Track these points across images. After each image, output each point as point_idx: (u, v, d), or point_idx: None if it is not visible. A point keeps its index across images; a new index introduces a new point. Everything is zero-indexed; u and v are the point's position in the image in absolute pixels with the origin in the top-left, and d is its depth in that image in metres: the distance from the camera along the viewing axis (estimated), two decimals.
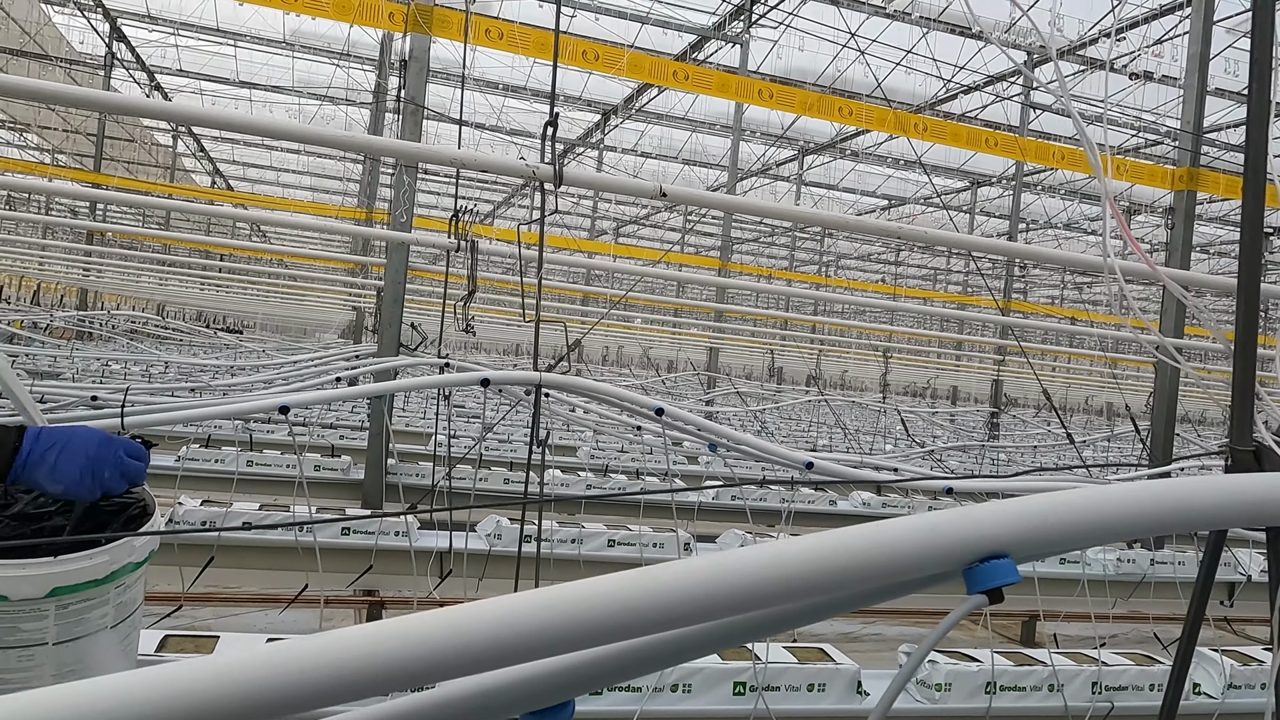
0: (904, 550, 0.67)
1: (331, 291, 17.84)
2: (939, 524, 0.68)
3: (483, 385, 3.01)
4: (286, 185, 24.41)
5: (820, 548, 0.66)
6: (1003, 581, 0.68)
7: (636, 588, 0.63)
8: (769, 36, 14.11)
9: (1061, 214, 19.83)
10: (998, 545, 0.68)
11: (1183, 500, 0.73)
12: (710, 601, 0.62)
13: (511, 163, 3.04)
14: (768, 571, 0.64)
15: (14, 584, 1.11)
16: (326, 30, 14.75)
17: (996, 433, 13.68)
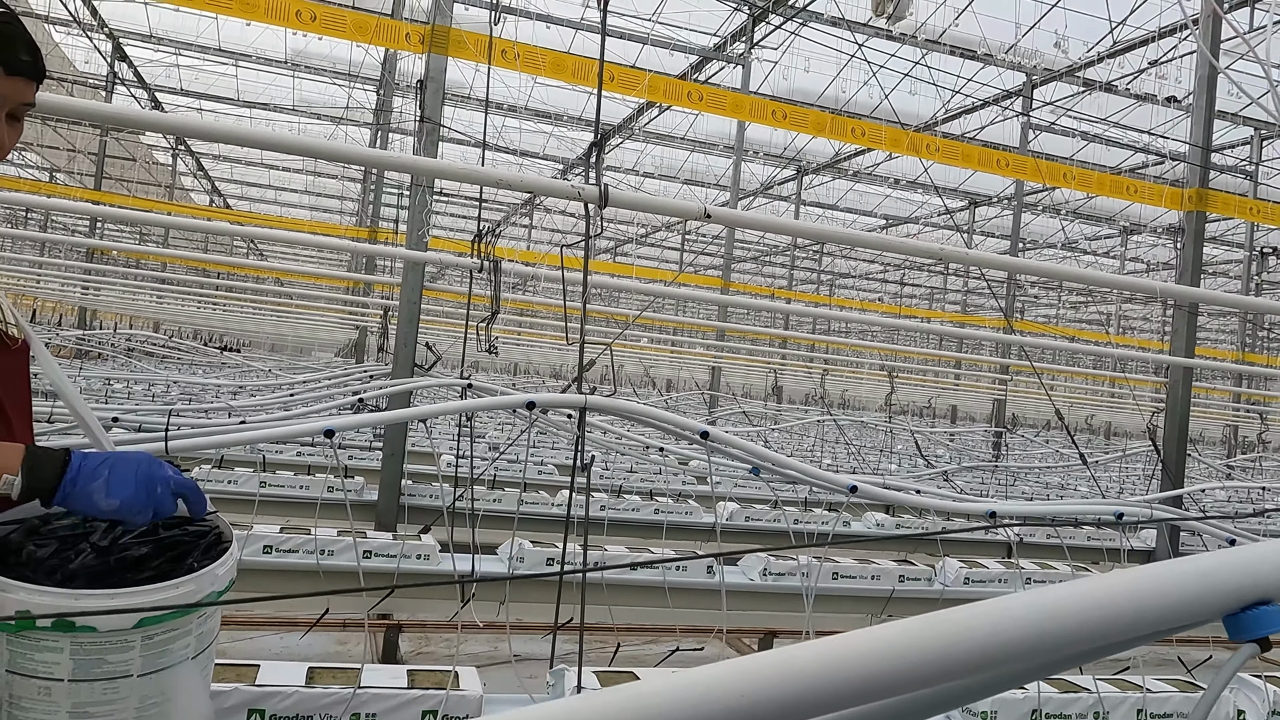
0: (1178, 598, 0.64)
1: (330, 310, 17.78)
2: (1207, 570, 0.65)
3: (528, 409, 2.97)
4: (285, 204, 24.39)
5: (1085, 598, 0.63)
6: (1272, 630, 0.65)
7: (925, 635, 0.60)
8: (770, 58, 14.19)
9: (1058, 233, 19.94)
10: (1266, 591, 0.65)
11: None
12: (1000, 651, 0.59)
13: (558, 184, 3.02)
14: (1049, 623, 0.61)
15: (104, 616, 1.10)
16: (329, 50, 14.77)
17: (1001, 452, 13.67)
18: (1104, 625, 0.63)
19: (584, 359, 3.09)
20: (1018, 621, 0.61)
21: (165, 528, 1.26)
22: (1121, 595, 0.64)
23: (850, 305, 20.32)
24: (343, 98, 15.54)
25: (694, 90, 7.14)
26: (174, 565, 1.19)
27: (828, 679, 0.57)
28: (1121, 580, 0.64)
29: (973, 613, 0.62)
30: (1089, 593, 0.63)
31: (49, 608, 1.08)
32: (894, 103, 13.50)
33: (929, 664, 0.60)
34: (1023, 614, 0.62)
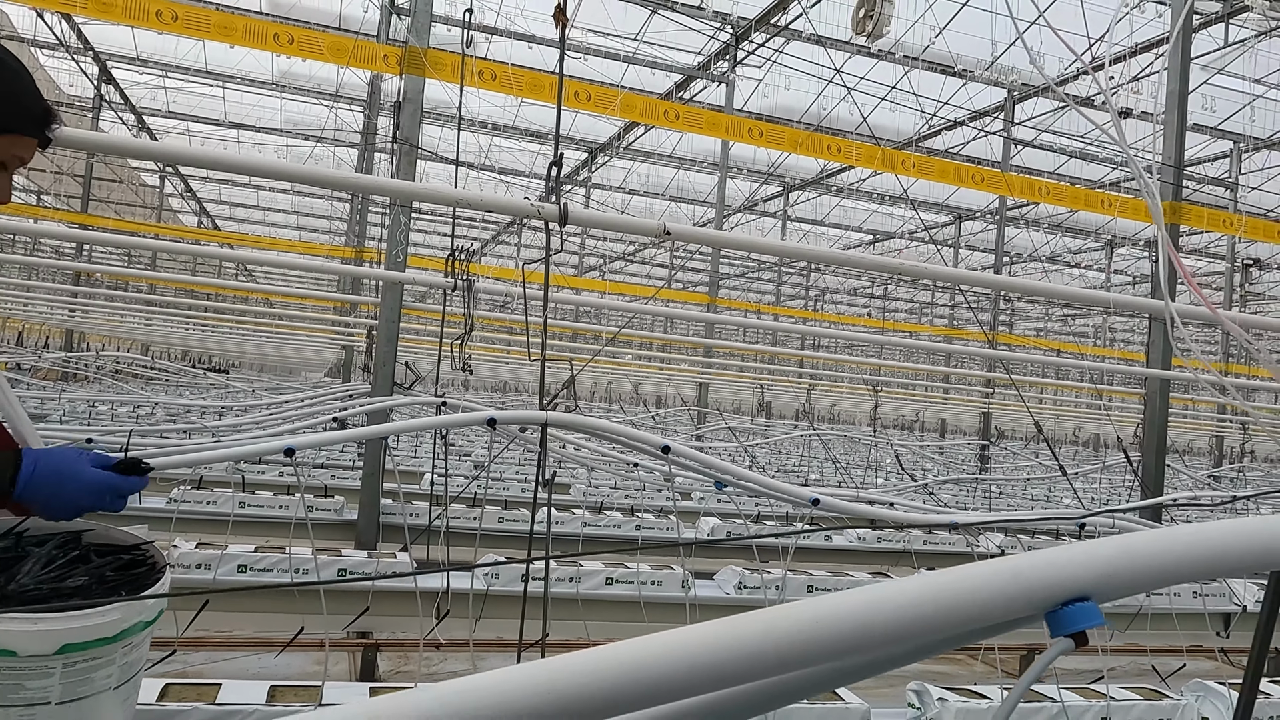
0: (989, 596, 0.67)
1: (319, 331, 17.78)
2: (1022, 569, 0.68)
3: (489, 425, 2.99)
4: (274, 225, 24.44)
5: (910, 594, 0.65)
6: (1087, 624, 0.67)
7: (725, 637, 0.62)
8: (753, 76, 14.31)
9: (1045, 246, 20.09)
10: (1080, 588, 0.68)
11: (1255, 540, 0.73)
12: (809, 648, 0.62)
13: (516, 202, 3.06)
14: (865, 617, 0.64)
15: (24, 639, 1.08)
16: (315, 72, 14.86)
17: (988, 465, 13.70)
18: (920, 622, 0.66)
19: (545, 376, 3.11)
20: (836, 619, 0.64)
21: (99, 554, 1.28)
22: (937, 594, 0.67)
23: (837, 320, 20.39)
24: (329, 118, 15.63)
25: (670, 109, 7.21)
26: (105, 594, 1.20)
27: (632, 677, 0.59)
28: (938, 580, 0.67)
29: (790, 610, 0.64)
30: (903, 592, 0.66)
31: None
32: (877, 119, 13.66)
33: (739, 661, 0.62)
34: (842, 612, 0.64)
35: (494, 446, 8.06)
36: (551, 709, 0.57)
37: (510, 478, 9.40)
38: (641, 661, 0.61)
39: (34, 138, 1.37)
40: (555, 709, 0.57)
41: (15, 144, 1.35)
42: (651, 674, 0.62)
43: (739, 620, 0.64)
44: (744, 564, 5.86)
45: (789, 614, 0.64)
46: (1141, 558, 0.70)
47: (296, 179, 3.95)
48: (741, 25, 12.98)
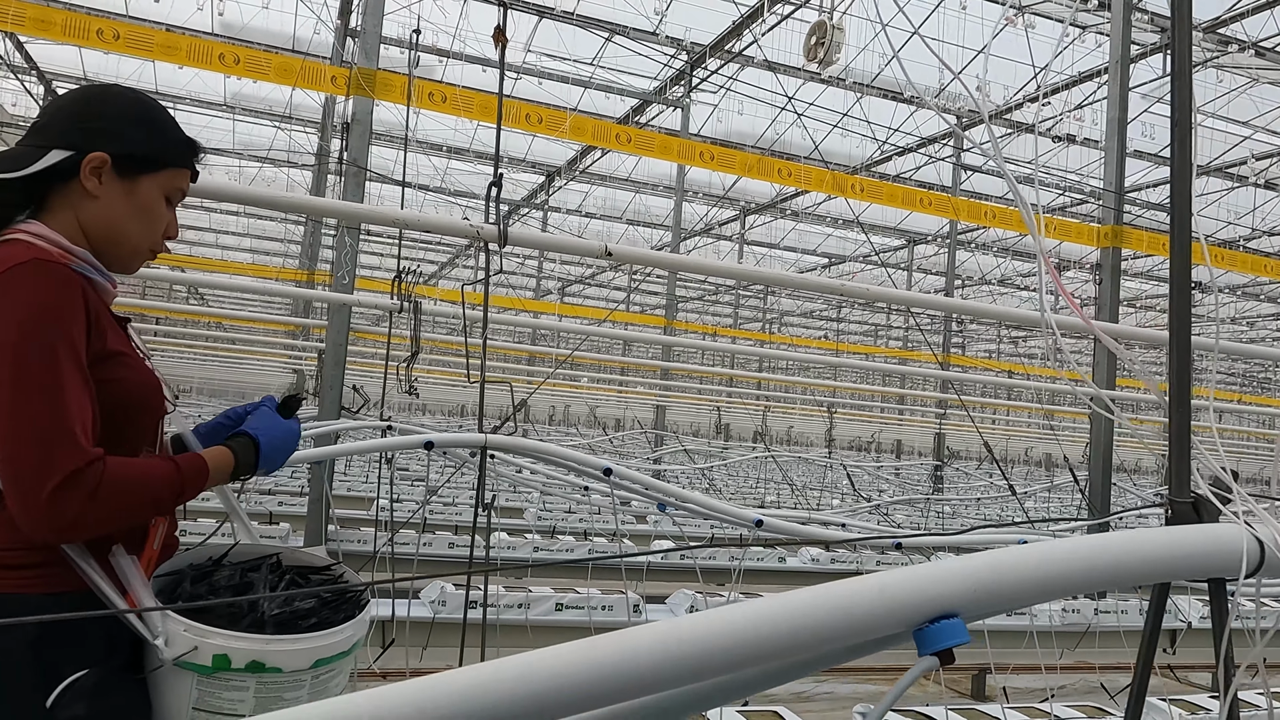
0: (853, 614, 0.66)
1: (271, 354, 17.51)
2: (888, 585, 0.67)
3: (426, 448, 2.95)
4: (225, 247, 24.08)
5: (781, 610, 0.64)
6: (953, 642, 0.67)
7: (581, 659, 0.60)
8: (709, 101, 14.46)
9: (995, 270, 20.44)
10: (947, 605, 0.67)
11: (1125, 555, 0.73)
12: (657, 673, 0.60)
13: (455, 223, 3.04)
14: (718, 640, 0.63)
15: (288, 658, 1.26)
16: (268, 93, 14.72)
17: (941, 485, 13.84)
18: (787, 640, 0.65)
19: (484, 398, 3.08)
20: (692, 640, 0.62)
21: (300, 576, 1.48)
22: (804, 612, 0.65)
23: (794, 343, 20.55)
24: (281, 140, 15.48)
25: (622, 132, 7.24)
26: (333, 614, 1.37)
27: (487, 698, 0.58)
28: (807, 597, 0.66)
29: (646, 632, 0.63)
30: (770, 610, 0.65)
31: (245, 651, 1.23)
32: (830, 145, 13.86)
33: (598, 683, 0.61)
34: (698, 632, 0.63)
35: (445, 471, 7.97)
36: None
37: (463, 502, 9.29)
38: (490, 688, 0.59)
39: (188, 169, 1.50)
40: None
41: (176, 177, 1.47)
42: (507, 697, 0.60)
43: (599, 641, 0.62)
44: (696, 588, 5.83)
45: (649, 635, 0.62)
46: (1010, 574, 0.69)
47: (239, 199, 3.89)
48: (696, 51, 13.11)
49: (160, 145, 1.45)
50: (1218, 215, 16.77)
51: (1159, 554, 0.74)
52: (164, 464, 1.33)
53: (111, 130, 1.39)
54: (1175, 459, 0.81)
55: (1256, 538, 0.76)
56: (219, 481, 1.41)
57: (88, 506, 1.21)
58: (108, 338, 1.37)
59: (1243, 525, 0.76)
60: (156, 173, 1.43)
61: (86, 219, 1.40)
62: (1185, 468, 0.81)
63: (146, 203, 1.43)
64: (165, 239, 1.49)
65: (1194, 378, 0.91)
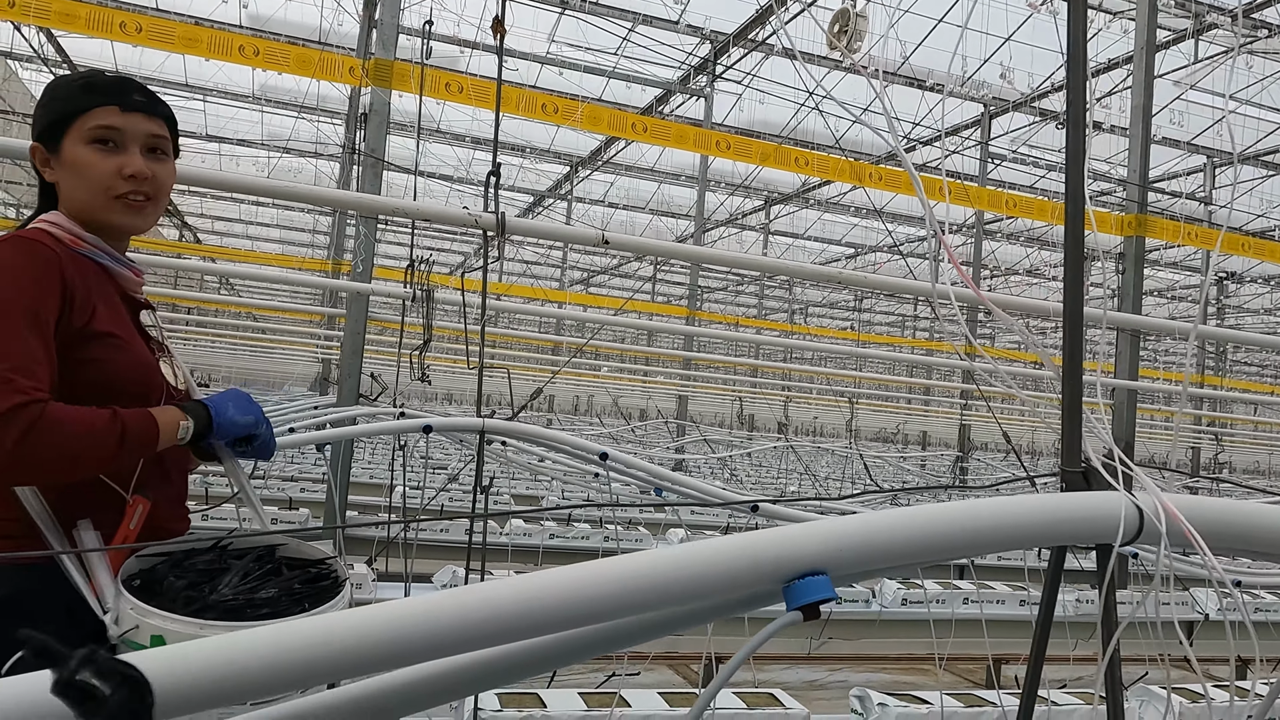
0: (720, 568, 0.69)
1: (300, 344, 17.74)
2: (755, 542, 0.70)
3: (424, 432, 3.01)
4: (255, 238, 24.40)
5: (635, 567, 0.68)
6: (817, 598, 0.70)
7: (476, 599, 0.64)
8: (732, 90, 14.42)
9: (1023, 261, 20.23)
10: (814, 562, 0.70)
11: (1005, 518, 0.76)
12: (548, 615, 0.64)
13: (454, 212, 3.09)
14: (585, 590, 0.66)
15: None
16: (295, 85, 14.89)
17: (964, 477, 13.75)
18: (655, 592, 0.68)
19: (483, 384, 3.13)
20: (562, 589, 0.66)
21: (289, 568, 1.42)
22: (674, 565, 0.69)
23: (817, 333, 20.46)
24: (310, 131, 15.65)
25: (639, 122, 7.26)
26: (291, 605, 1.31)
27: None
28: (675, 551, 0.70)
29: (550, 576, 0.66)
30: (639, 563, 0.68)
31: (179, 635, 1.19)
32: (854, 134, 13.77)
33: (471, 627, 0.65)
34: (565, 583, 0.67)
35: (465, 458, 8.05)
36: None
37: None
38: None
39: (95, 106, 1.48)
40: None
41: (87, 120, 1.47)
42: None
43: (467, 591, 0.66)
44: None
45: (516, 586, 0.66)
46: (881, 534, 0.72)
47: (257, 192, 3.97)
48: (719, 40, 13.08)
49: (58, 105, 1.47)
50: (1249, 205, 16.45)
51: (1039, 518, 0.77)
52: (105, 414, 1.33)
53: (35, 118, 1.49)
54: (1068, 429, 0.84)
55: (1137, 506, 0.78)
56: (169, 438, 1.40)
57: (22, 446, 1.22)
58: (96, 317, 1.41)
59: (1123, 493, 0.79)
60: (67, 131, 1.46)
61: (63, 203, 1.49)
62: (1076, 438, 0.84)
63: (72, 160, 1.46)
64: (129, 178, 1.47)
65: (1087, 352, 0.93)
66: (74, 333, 1.38)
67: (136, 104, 1.50)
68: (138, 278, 1.57)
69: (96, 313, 1.41)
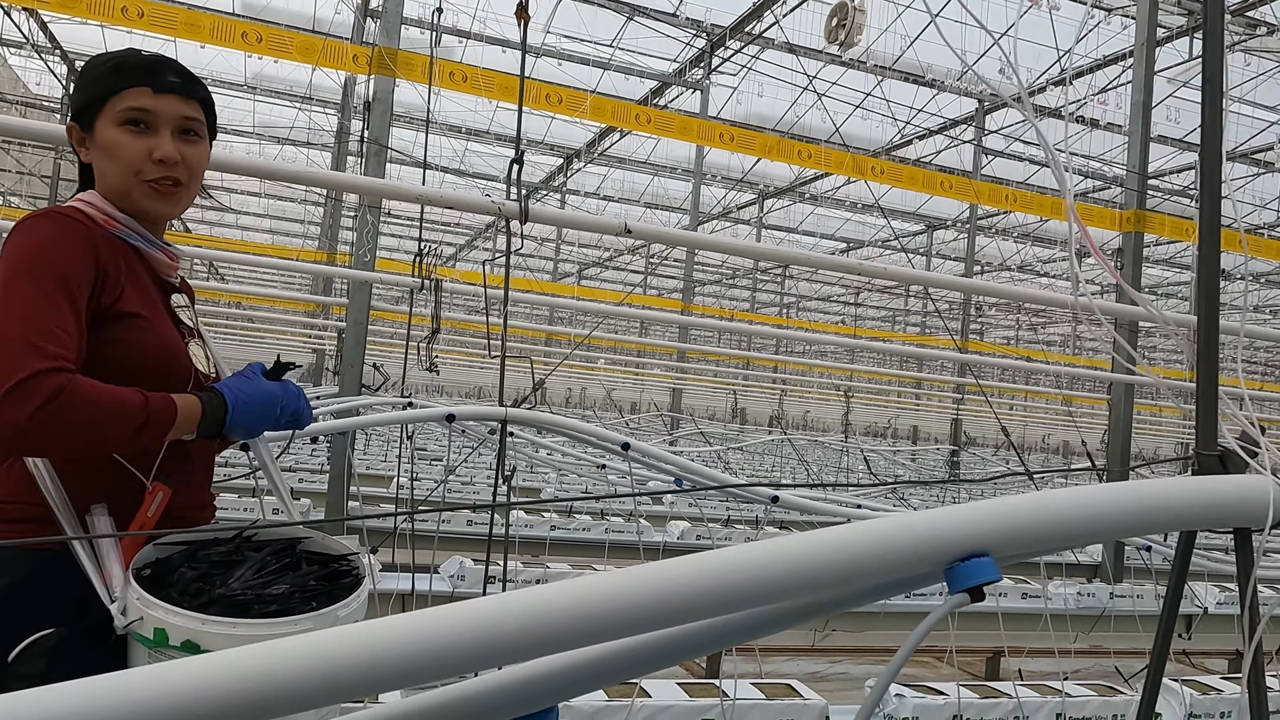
0: (886, 548, 0.67)
1: (291, 333, 17.63)
2: (919, 522, 0.68)
3: (448, 420, 2.98)
4: (246, 228, 24.23)
5: (808, 546, 0.66)
6: (984, 580, 0.68)
7: (629, 585, 0.62)
8: (728, 84, 14.39)
9: (1015, 256, 20.31)
10: (978, 543, 0.69)
11: (1154, 500, 0.74)
12: (703, 599, 0.62)
13: (478, 199, 3.05)
14: (761, 569, 0.64)
15: (223, 642, 1.14)
16: (289, 73, 14.77)
17: (957, 471, 13.81)
18: (826, 570, 0.66)
19: (504, 376, 3.11)
20: (728, 571, 0.64)
21: (309, 562, 1.36)
22: (842, 543, 0.67)
23: (810, 327, 20.50)
24: (304, 120, 15.54)
25: (642, 113, 7.23)
26: (301, 603, 1.24)
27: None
28: (843, 531, 0.68)
29: (691, 562, 0.65)
30: (811, 542, 0.67)
31: (181, 629, 1.15)
32: (850, 128, 13.77)
33: (647, 608, 0.63)
34: (736, 564, 0.65)
35: (463, 449, 8.03)
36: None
37: (480, 481, 9.36)
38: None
39: (127, 88, 1.45)
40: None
41: (118, 102, 1.44)
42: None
43: (644, 570, 0.64)
44: None
45: (690, 565, 0.65)
46: (1042, 514, 0.71)
47: (264, 175, 3.93)
48: (716, 33, 13.05)
49: (89, 88, 1.45)
50: (1244, 200, 16.56)
51: (1187, 500, 0.75)
52: (134, 394, 1.29)
53: (72, 98, 1.49)
54: (1202, 412, 0.82)
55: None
56: (184, 430, 1.35)
57: (43, 414, 1.19)
58: (124, 297, 1.38)
59: (1269, 476, 0.77)
60: (101, 112, 1.44)
61: (98, 184, 1.48)
62: (1213, 420, 0.82)
63: (105, 142, 1.43)
64: (158, 162, 1.44)
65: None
66: (102, 311, 1.35)
67: (170, 85, 1.46)
68: (172, 261, 1.54)
69: (125, 293, 1.39)
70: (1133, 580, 7.25)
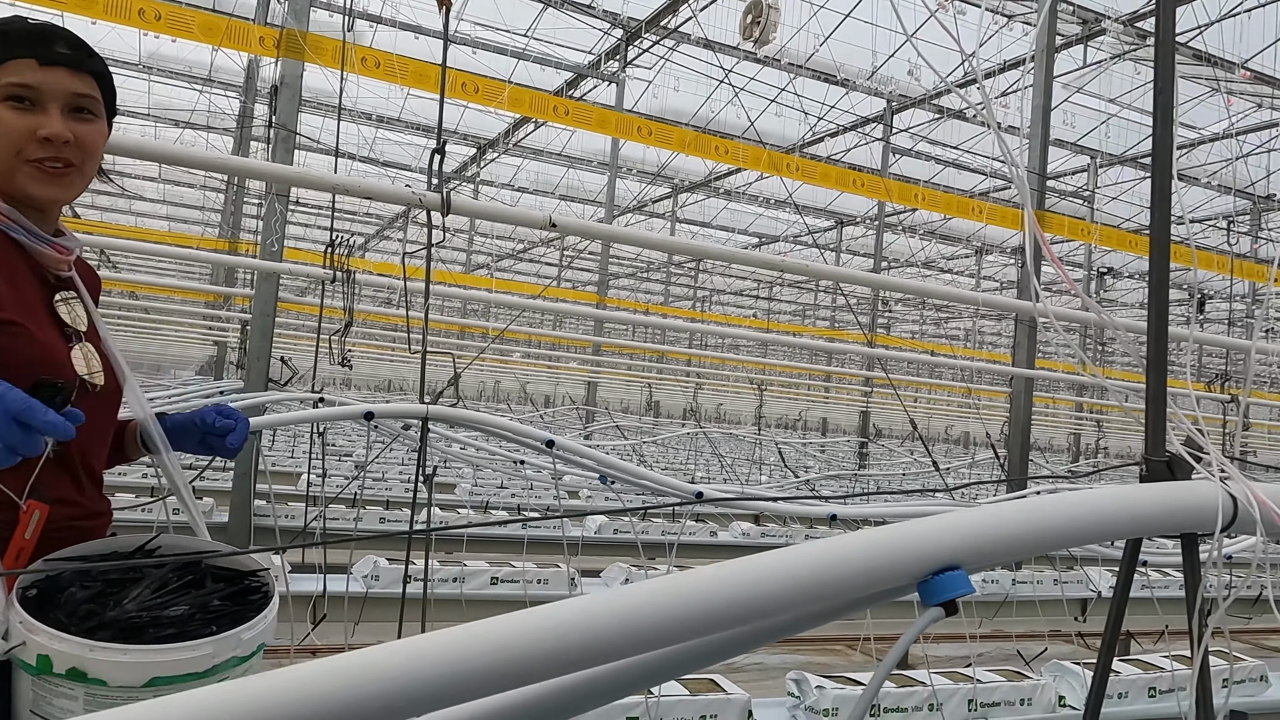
0: (865, 564, 0.66)
1: (190, 325, 16.93)
2: (895, 537, 0.67)
3: (366, 419, 2.89)
4: (140, 214, 23.16)
5: (784, 565, 0.64)
6: (958, 593, 0.68)
7: (594, 614, 0.60)
8: (644, 77, 14.39)
9: (920, 253, 20.94)
10: (951, 557, 0.68)
11: (1110, 508, 0.75)
12: (680, 624, 0.59)
13: (397, 190, 2.96)
14: (736, 592, 0.62)
15: (115, 670, 1.07)
16: (188, 54, 14.15)
17: (866, 462, 14.17)
18: (803, 590, 0.64)
19: (426, 370, 3.03)
20: (705, 593, 0.62)
21: (215, 580, 1.25)
22: (819, 562, 0.66)
23: (725, 321, 20.74)
24: (203, 103, 14.91)
25: (560, 104, 7.16)
26: (202, 626, 1.16)
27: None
28: (818, 548, 0.66)
29: (655, 585, 0.62)
30: (788, 561, 0.65)
31: (65, 655, 1.07)
32: (764, 125, 13.93)
33: (618, 637, 0.60)
34: (718, 582, 0.63)
35: (375, 445, 7.84)
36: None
37: (393, 477, 9.16)
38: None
39: (6, 60, 1.31)
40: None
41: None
42: (520, 651, 0.59)
43: (616, 594, 0.61)
44: (630, 561, 5.86)
45: (664, 588, 0.62)
46: (1007, 527, 0.71)
47: (164, 159, 3.73)
48: (632, 25, 13.03)
49: None
50: (1130, 201, 17.42)
51: (1141, 509, 0.76)
52: None
53: None
54: (1152, 418, 0.84)
55: (1230, 494, 0.79)
56: None
57: None
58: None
59: (1218, 482, 0.79)
60: None
61: None
62: (1161, 426, 0.84)
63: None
64: (44, 140, 1.30)
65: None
66: None
67: (59, 57, 1.31)
68: (62, 255, 1.38)
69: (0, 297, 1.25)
70: (1033, 566, 7.55)
